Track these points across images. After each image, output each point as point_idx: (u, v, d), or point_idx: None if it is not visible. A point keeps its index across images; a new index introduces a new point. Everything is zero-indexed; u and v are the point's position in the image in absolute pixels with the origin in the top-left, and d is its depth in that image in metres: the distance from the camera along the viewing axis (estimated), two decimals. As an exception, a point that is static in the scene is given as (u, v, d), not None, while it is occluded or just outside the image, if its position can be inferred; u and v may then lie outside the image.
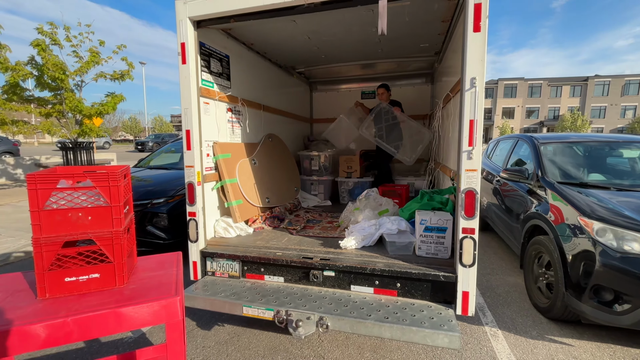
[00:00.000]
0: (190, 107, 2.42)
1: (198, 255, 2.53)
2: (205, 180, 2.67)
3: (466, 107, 1.87)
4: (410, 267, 2.13)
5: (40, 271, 1.42)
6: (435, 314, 1.95)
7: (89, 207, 1.47)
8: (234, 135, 3.23)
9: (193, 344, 2.49)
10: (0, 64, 6.48)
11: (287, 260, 2.32)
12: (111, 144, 34.79)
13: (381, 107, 4.18)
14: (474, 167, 1.89)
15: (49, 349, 2.43)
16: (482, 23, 1.78)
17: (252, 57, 3.56)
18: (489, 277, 3.65)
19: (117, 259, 1.53)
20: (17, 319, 1.26)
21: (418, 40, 3.38)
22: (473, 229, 1.92)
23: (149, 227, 3.85)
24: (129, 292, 1.51)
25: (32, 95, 7.10)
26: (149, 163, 5.61)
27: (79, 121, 7.48)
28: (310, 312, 1.99)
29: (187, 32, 2.35)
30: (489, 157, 5.50)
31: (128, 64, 7.53)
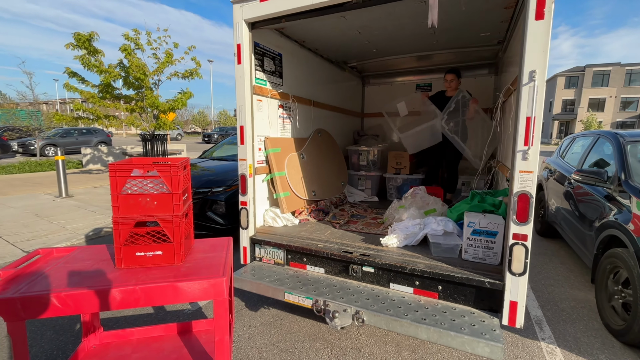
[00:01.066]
0: (244, 104, 2.60)
1: (248, 242, 2.73)
2: (257, 172, 2.85)
3: (523, 103, 1.71)
4: (453, 270, 2.04)
5: (118, 245, 1.69)
6: (477, 321, 1.86)
7: (155, 193, 1.71)
8: (285, 131, 3.38)
9: (241, 322, 2.72)
10: (96, 67, 7.63)
11: (328, 252, 2.39)
12: (183, 136, 38.53)
13: (463, 96, 3.62)
14: (529, 169, 1.73)
15: (127, 312, 2.87)
16: (547, 9, 1.60)
17: (303, 54, 3.66)
18: (552, 289, 3.30)
19: (176, 239, 1.75)
20: (100, 283, 1.53)
21: (477, 29, 3.13)
22: (525, 236, 1.77)
23: (208, 212, 4.24)
24: (185, 269, 1.72)
25: (120, 93, 8.26)
26: (212, 154, 6.14)
27: (155, 116, 8.47)
28: (347, 304, 2.04)
29: (243, 34, 2.52)
30: (562, 155, 4.89)
31: (196, 63, 8.29)
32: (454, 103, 3.61)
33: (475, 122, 3.74)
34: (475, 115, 3.68)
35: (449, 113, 3.62)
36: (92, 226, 5.05)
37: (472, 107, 3.62)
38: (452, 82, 3.90)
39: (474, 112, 3.65)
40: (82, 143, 17.56)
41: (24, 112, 15.49)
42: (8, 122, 16.40)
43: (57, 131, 18.15)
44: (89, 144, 17.78)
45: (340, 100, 4.65)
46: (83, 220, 5.39)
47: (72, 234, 4.70)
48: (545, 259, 4.08)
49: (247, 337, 2.51)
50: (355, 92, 5.37)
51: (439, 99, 4.01)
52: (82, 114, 8.69)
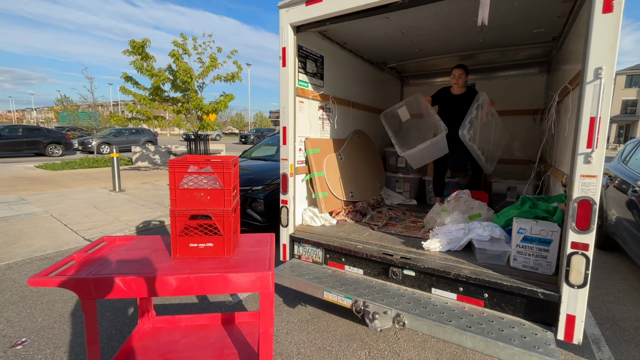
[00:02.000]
0: (287, 106, 2.68)
1: (287, 239, 2.80)
2: (297, 172, 2.92)
3: (587, 102, 1.60)
4: (502, 278, 1.95)
5: (174, 236, 1.82)
6: (528, 334, 1.76)
7: (208, 188, 1.81)
8: (324, 131, 3.42)
9: (279, 317, 2.79)
10: (148, 71, 8.24)
11: (367, 253, 2.39)
12: (221, 137, 40.27)
13: (484, 99, 3.34)
14: (592, 173, 1.61)
15: (174, 300, 3.06)
16: (616, 1, 1.49)
17: (344, 56, 3.68)
18: (612, 307, 3.03)
19: (226, 232, 1.84)
20: (159, 270, 1.65)
21: (531, 25, 2.96)
22: (587, 245, 1.65)
23: (248, 210, 4.41)
24: (233, 261, 1.81)
25: (168, 95, 8.85)
26: (251, 154, 6.37)
27: (199, 117, 8.96)
28: (388, 307, 2.02)
29: (288, 37, 2.59)
30: (625, 161, 4.46)
31: (238, 67, 8.65)
32: (475, 109, 3.33)
33: (487, 126, 3.47)
34: (490, 118, 3.45)
35: (470, 121, 3.29)
36: (141, 219, 5.44)
37: (487, 109, 3.38)
38: (460, 78, 3.60)
39: (488, 115, 3.42)
40: (132, 142, 18.99)
41: (85, 113, 17.09)
42: (71, 123, 18.18)
43: (111, 131, 19.79)
44: (137, 142, 19.18)
45: (379, 101, 4.61)
46: (133, 213, 5.83)
47: (125, 225, 5.11)
48: (603, 273, 3.75)
49: (285, 332, 2.57)
50: (394, 92, 5.30)
51: (443, 97, 3.74)
52: (135, 115, 9.43)
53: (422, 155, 3.44)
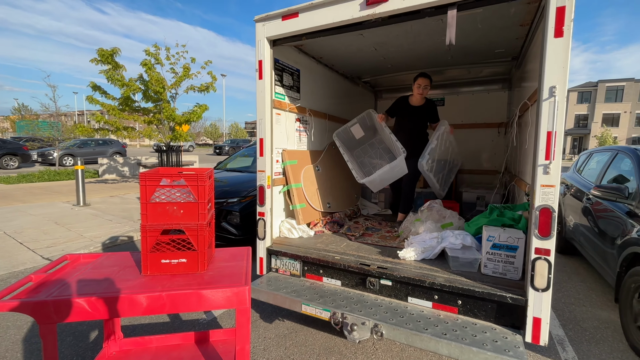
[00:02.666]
0: (264, 117, 2.68)
1: (264, 252, 2.76)
2: (274, 184, 2.91)
3: (543, 118, 1.73)
4: (473, 284, 2.02)
5: (145, 252, 1.74)
6: (499, 338, 1.82)
7: (181, 202, 1.76)
8: (301, 143, 3.45)
9: (256, 333, 2.71)
10: (118, 81, 7.95)
11: (344, 264, 2.40)
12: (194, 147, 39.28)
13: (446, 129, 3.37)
14: (551, 183, 1.73)
15: (144, 320, 2.90)
16: (566, 27, 1.64)
17: (320, 70, 3.76)
18: (573, 308, 3.21)
19: (201, 247, 1.79)
20: (128, 289, 1.57)
21: (492, 46, 3.19)
22: (548, 250, 1.76)
23: (223, 223, 4.29)
24: (208, 277, 1.75)
25: (139, 106, 8.55)
26: (226, 166, 6.25)
27: (171, 128, 8.71)
28: (366, 317, 2.03)
29: (265, 51, 2.62)
30: (579, 171, 4.83)
31: (212, 77, 8.56)
32: (435, 139, 3.30)
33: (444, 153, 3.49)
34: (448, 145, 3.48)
35: (431, 151, 3.25)
36: (108, 234, 5.15)
37: (447, 137, 3.43)
38: (425, 89, 3.48)
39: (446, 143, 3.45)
40: (98, 153, 18.06)
41: (46, 123, 16.10)
42: (30, 133, 17.03)
43: (75, 142, 18.73)
44: (104, 154, 18.27)
45: (354, 114, 4.70)
46: (100, 228, 5.51)
47: (90, 241, 4.81)
48: (564, 276, 3.98)
49: (262, 349, 2.50)
50: (368, 105, 5.44)
51: (402, 108, 3.66)
52: (103, 126, 9.00)
53: (382, 179, 3.32)
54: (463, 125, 4.97)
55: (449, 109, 5.06)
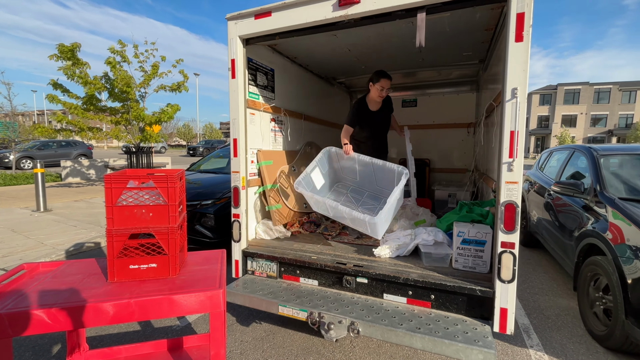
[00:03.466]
0: (238, 117, 2.64)
1: (240, 255, 2.71)
2: (249, 185, 2.86)
3: (507, 118, 1.82)
4: (445, 279, 2.10)
5: (111, 258, 1.66)
6: (470, 329, 1.90)
7: (150, 205, 1.69)
8: (276, 143, 3.42)
9: (232, 337, 2.66)
10: (81, 78, 7.51)
11: (321, 264, 2.40)
12: (167, 149, 37.91)
13: (409, 137, 3.41)
14: (514, 180, 1.83)
15: (112, 330, 2.76)
16: (525, 32, 1.74)
17: (295, 70, 3.75)
18: (537, 298, 3.40)
19: (172, 251, 1.73)
20: (92, 297, 1.49)
21: (460, 49, 3.32)
22: (513, 244, 1.85)
23: (197, 226, 4.18)
24: (180, 282, 1.70)
25: (105, 105, 8.13)
26: (199, 167, 6.09)
27: (141, 128, 8.35)
28: (343, 316, 2.05)
29: (237, 50, 2.57)
30: (541, 168, 5.13)
31: (184, 76, 8.29)
32: (408, 144, 3.40)
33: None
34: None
35: (410, 159, 3.41)
36: (73, 241, 4.86)
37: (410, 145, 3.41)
38: (388, 92, 3.22)
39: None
40: (61, 156, 16.98)
41: (1, 123, 14.94)
42: (-19, 134, 15.74)
43: (35, 143, 17.54)
44: (68, 156, 17.22)
45: (329, 115, 4.75)
46: (63, 235, 5.18)
47: (52, 249, 4.51)
48: (529, 268, 4.21)
49: (239, 353, 2.45)
50: (343, 106, 5.50)
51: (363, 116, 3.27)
52: (65, 126, 8.48)
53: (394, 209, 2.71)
54: (434, 125, 5.14)
55: (421, 109, 5.22)
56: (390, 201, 2.45)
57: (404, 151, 4.93)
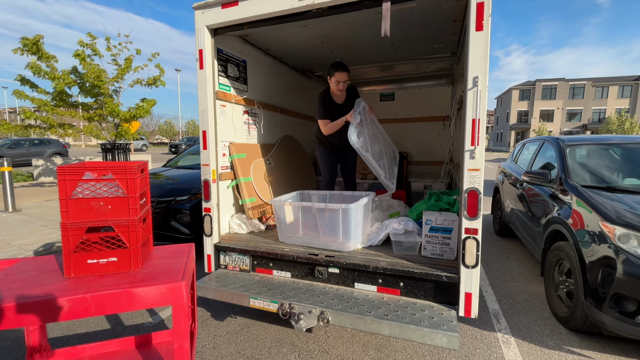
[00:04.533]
0: (206, 109, 2.58)
1: (212, 249, 2.67)
2: (221, 178, 2.82)
3: (469, 106, 1.86)
4: (413, 266, 2.13)
5: (67, 253, 1.60)
6: (436, 314, 1.94)
7: (109, 197, 1.64)
8: (250, 137, 3.38)
9: (206, 332, 2.63)
10: (47, 74, 7.17)
11: (293, 256, 2.40)
12: (148, 147, 36.93)
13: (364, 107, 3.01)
14: (476, 167, 1.87)
15: (79, 329, 2.67)
16: (485, 22, 1.77)
17: (269, 62, 3.71)
18: (508, 284, 3.51)
19: (133, 244, 1.68)
20: (47, 293, 1.43)
21: (432, 41, 3.36)
22: (476, 230, 1.90)
23: (172, 222, 4.10)
24: (142, 275, 1.65)
25: (77, 101, 7.81)
26: (177, 163, 5.96)
27: (117, 124, 8.09)
28: (312, 306, 2.05)
29: (205, 40, 2.52)
30: (515, 160, 5.28)
31: (160, 70, 8.06)
32: (358, 114, 2.91)
33: (375, 138, 3.12)
34: (376, 131, 3.14)
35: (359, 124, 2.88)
36: (42, 241, 4.67)
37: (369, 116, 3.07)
38: (345, 85, 3.13)
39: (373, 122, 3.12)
40: (34, 154, 16.26)
41: (-34, 121, 14.16)
42: (-54, 133, 14.87)
43: (5, 142, 16.76)
44: (41, 155, 16.50)
45: (307, 108, 4.73)
46: (31, 235, 4.98)
47: (19, 250, 4.33)
48: (502, 257, 4.34)
49: (211, 347, 2.42)
50: (323, 100, 5.49)
51: (329, 106, 3.20)
52: (34, 123, 8.10)
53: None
54: (412, 118, 5.20)
55: (399, 103, 5.27)
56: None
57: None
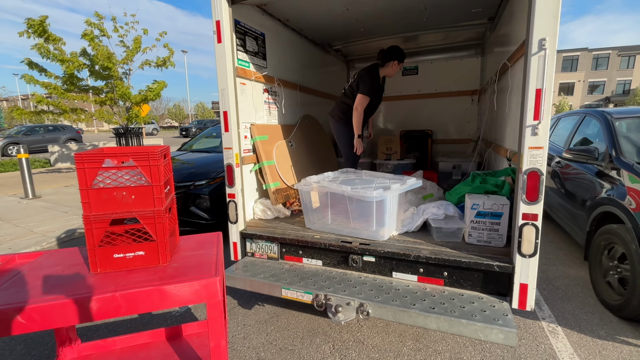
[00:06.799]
0: (227, 87, 2.38)
1: (238, 236, 2.55)
2: (244, 162, 2.66)
3: (532, 74, 1.60)
4: (459, 255, 1.95)
5: (92, 247, 1.48)
6: (487, 307, 1.78)
7: (132, 186, 1.49)
8: (271, 117, 3.18)
9: (234, 321, 2.55)
10: (55, 56, 6.99)
11: (325, 244, 2.25)
12: (159, 130, 37.08)
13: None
14: (539, 145, 1.64)
15: (107, 319, 2.63)
16: (558, -30, 1.49)
17: (287, 35, 3.43)
18: (545, 268, 3.33)
19: (160, 237, 1.55)
20: (71, 292, 1.32)
21: (469, 4, 3.01)
22: (536, 215, 1.69)
23: (192, 208, 4.00)
24: (171, 270, 1.53)
25: (87, 84, 7.67)
26: (191, 147, 5.83)
27: (128, 108, 7.96)
28: (350, 297, 1.92)
29: (222, 9, 2.28)
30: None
31: (169, 50, 7.79)
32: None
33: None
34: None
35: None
36: (64, 228, 4.68)
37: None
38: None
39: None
40: (49, 141, 16.46)
41: (-19, 109, 14.30)
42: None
43: (21, 129, 16.97)
44: (56, 141, 16.70)
45: (326, 85, 4.47)
46: (54, 221, 4.99)
47: (42, 237, 4.34)
48: (534, 238, 4.13)
49: (242, 337, 2.35)
50: (340, 76, 5.20)
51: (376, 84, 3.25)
52: (46, 108, 8.04)
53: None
54: (437, 94, 4.88)
55: (423, 77, 4.94)
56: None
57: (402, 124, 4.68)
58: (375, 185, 2.26)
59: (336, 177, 2.70)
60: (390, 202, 2.16)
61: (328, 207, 2.46)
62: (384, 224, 2.20)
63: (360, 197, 2.10)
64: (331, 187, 2.31)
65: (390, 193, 2.11)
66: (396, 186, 2.21)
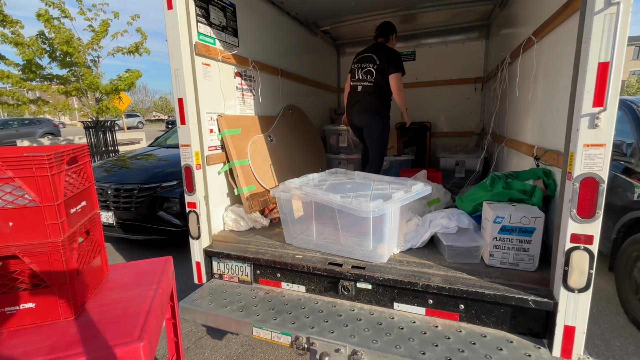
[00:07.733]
0: (181, 68, 1.86)
1: (201, 255, 2.06)
2: (209, 162, 2.15)
3: (594, 42, 1.14)
4: (481, 284, 1.51)
5: (-56, 303, 0.97)
6: (520, 356, 1.34)
7: (6, 207, 0.99)
8: (245, 106, 2.66)
9: (200, 357, 2.08)
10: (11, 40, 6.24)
11: (308, 266, 1.78)
12: (144, 124, 35.81)
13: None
14: (600, 142, 1.18)
15: None
16: None
17: (265, 8, 2.90)
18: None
19: (57, 281, 1.05)
20: None
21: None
22: (591, 237, 1.25)
23: (160, 212, 3.49)
24: (75, 329, 1.04)
25: (50, 73, 6.94)
26: (165, 142, 5.26)
27: (98, 99, 7.28)
28: (340, 343, 1.46)
29: (172, -37, 1.74)
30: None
31: (142, 35, 7.10)
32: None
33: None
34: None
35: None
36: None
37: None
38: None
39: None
40: (24, 135, 15.50)
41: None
42: None
43: (-8, 122, 15.92)
44: (32, 135, 15.75)
45: (314, 72, 3.95)
46: None
47: None
48: (544, 242, 3.75)
49: (206, 383, 1.88)
50: (330, 63, 4.68)
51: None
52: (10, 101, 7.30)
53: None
54: (436, 82, 4.42)
55: (420, 63, 4.45)
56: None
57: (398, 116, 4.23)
58: (372, 193, 1.79)
59: (323, 180, 2.22)
60: (392, 216, 1.70)
61: (312, 217, 1.98)
62: (382, 241, 1.74)
63: (353, 210, 1.62)
64: (316, 196, 1.83)
65: (391, 205, 1.64)
66: (398, 195, 1.74)
